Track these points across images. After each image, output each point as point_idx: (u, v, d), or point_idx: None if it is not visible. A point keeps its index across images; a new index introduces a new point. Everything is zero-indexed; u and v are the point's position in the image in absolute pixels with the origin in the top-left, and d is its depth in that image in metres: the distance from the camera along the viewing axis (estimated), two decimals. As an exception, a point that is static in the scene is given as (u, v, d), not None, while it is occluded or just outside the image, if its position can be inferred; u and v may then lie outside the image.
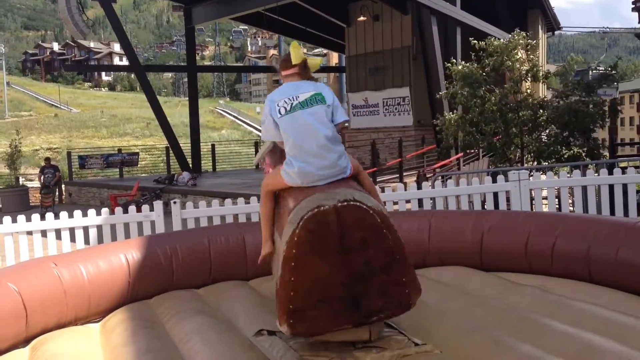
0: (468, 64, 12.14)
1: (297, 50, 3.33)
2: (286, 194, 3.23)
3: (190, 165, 20.44)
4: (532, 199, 6.58)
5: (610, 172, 6.43)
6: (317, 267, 2.85)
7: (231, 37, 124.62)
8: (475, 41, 12.15)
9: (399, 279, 2.97)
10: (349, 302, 2.90)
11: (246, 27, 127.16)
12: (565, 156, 11.44)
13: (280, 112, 3.17)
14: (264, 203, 3.40)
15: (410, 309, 3.07)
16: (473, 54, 12.29)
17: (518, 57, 11.86)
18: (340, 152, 3.14)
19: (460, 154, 13.70)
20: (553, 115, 11.50)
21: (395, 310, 3.02)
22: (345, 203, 2.87)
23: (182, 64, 63.21)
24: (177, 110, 64.14)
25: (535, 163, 11.99)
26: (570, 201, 7.23)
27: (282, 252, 2.91)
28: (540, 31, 23.31)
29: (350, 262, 2.88)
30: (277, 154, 3.50)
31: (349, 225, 2.86)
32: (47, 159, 16.73)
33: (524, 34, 12.14)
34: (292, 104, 3.17)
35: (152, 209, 6.21)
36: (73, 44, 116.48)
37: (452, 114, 12.53)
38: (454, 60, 12.39)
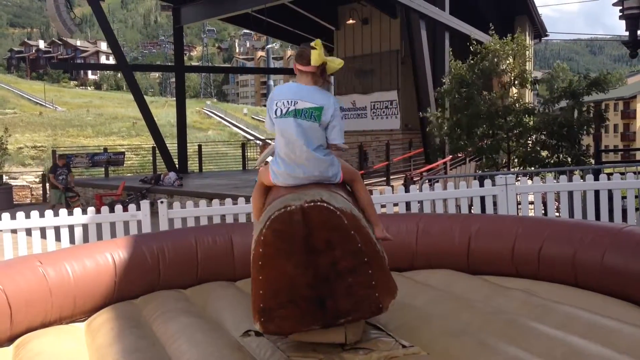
0: (463, 65, 12.19)
1: (319, 52, 3.13)
2: (272, 191, 3.28)
3: (177, 166, 20.32)
4: (518, 203, 6.63)
5: (596, 178, 6.50)
6: (283, 267, 2.84)
7: (205, 35, 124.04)
8: (472, 45, 12.24)
9: (368, 282, 2.92)
10: (316, 302, 2.87)
11: (214, 28, 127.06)
12: (552, 162, 11.52)
13: (276, 113, 3.14)
14: (254, 195, 3.44)
15: (382, 312, 3.02)
16: (471, 55, 12.33)
17: (510, 62, 11.94)
18: (328, 162, 3.14)
19: (447, 158, 13.76)
20: (541, 123, 11.55)
21: (364, 313, 2.97)
22: (312, 203, 2.83)
23: (169, 63, 62.86)
24: (163, 110, 63.72)
25: (521, 168, 12.05)
26: (556, 206, 7.28)
27: (251, 251, 2.91)
28: (527, 37, 23.48)
29: (316, 263, 2.85)
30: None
31: (315, 226, 2.83)
32: (62, 157, 15.08)
33: (522, 38, 12.22)
34: (288, 108, 3.11)
35: (138, 209, 6.17)
36: (59, 42, 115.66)
37: (441, 112, 12.59)
38: (458, 62, 12.40)
